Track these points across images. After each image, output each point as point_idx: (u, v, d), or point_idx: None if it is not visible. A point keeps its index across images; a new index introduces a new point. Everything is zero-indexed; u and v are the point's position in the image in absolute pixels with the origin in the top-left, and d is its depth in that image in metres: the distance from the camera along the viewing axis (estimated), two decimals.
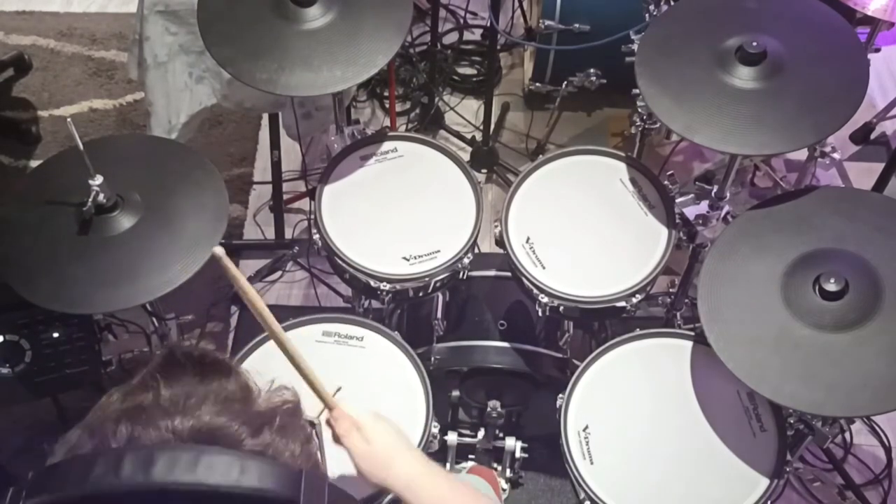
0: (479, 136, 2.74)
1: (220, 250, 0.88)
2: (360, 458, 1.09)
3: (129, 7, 2.84)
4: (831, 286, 1.40)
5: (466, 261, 1.75)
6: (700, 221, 1.79)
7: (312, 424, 0.67)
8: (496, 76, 3.00)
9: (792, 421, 1.60)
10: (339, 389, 1.16)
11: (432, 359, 1.88)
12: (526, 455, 1.92)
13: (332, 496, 0.57)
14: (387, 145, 1.89)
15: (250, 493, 0.52)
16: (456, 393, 1.89)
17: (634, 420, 1.60)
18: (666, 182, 1.81)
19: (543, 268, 1.71)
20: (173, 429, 0.56)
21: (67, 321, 1.75)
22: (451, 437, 1.88)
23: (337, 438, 1.12)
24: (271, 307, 0.98)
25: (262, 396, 0.62)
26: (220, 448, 0.55)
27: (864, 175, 2.65)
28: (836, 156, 2.05)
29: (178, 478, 0.51)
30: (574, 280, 1.69)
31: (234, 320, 2.46)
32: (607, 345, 1.68)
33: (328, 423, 1.12)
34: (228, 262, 0.91)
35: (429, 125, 2.84)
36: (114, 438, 0.56)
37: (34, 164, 2.82)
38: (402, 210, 1.80)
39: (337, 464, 0.58)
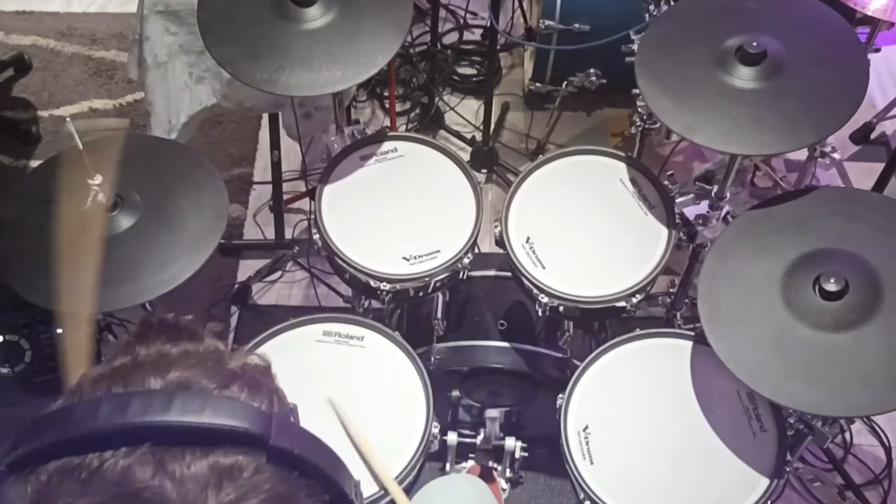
0: (479, 136, 2.73)
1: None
2: None
3: (129, 7, 2.84)
4: (831, 286, 1.40)
5: (466, 261, 1.75)
6: (700, 221, 1.79)
7: None
8: (496, 76, 2.99)
9: (792, 421, 1.60)
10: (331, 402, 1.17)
11: (432, 359, 1.88)
12: (526, 455, 1.92)
13: (301, 436, 0.60)
14: (387, 145, 1.89)
15: (220, 428, 0.55)
16: (456, 393, 1.90)
17: (634, 420, 1.60)
18: (666, 182, 1.81)
19: (543, 268, 1.71)
20: (148, 384, 0.59)
21: None
22: (451, 437, 1.88)
23: None
24: (271, 307, 0.98)
25: (234, 357, 0.65)
26: (192, 391, 0.59)
27: (864, 175, 2.64)
28: (836, 156, 2.05)
29: (152, 417, 0.54)
30: (574, 280, 1.69)
31: (234, 320, 2.46)
32: (607, 345, 1.68)
33: None
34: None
35: (429, 125, 2.84)
36: (91, 395, 0.59)
37: (34, 164, 2.82)
38: (402, 210, 1.80)
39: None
